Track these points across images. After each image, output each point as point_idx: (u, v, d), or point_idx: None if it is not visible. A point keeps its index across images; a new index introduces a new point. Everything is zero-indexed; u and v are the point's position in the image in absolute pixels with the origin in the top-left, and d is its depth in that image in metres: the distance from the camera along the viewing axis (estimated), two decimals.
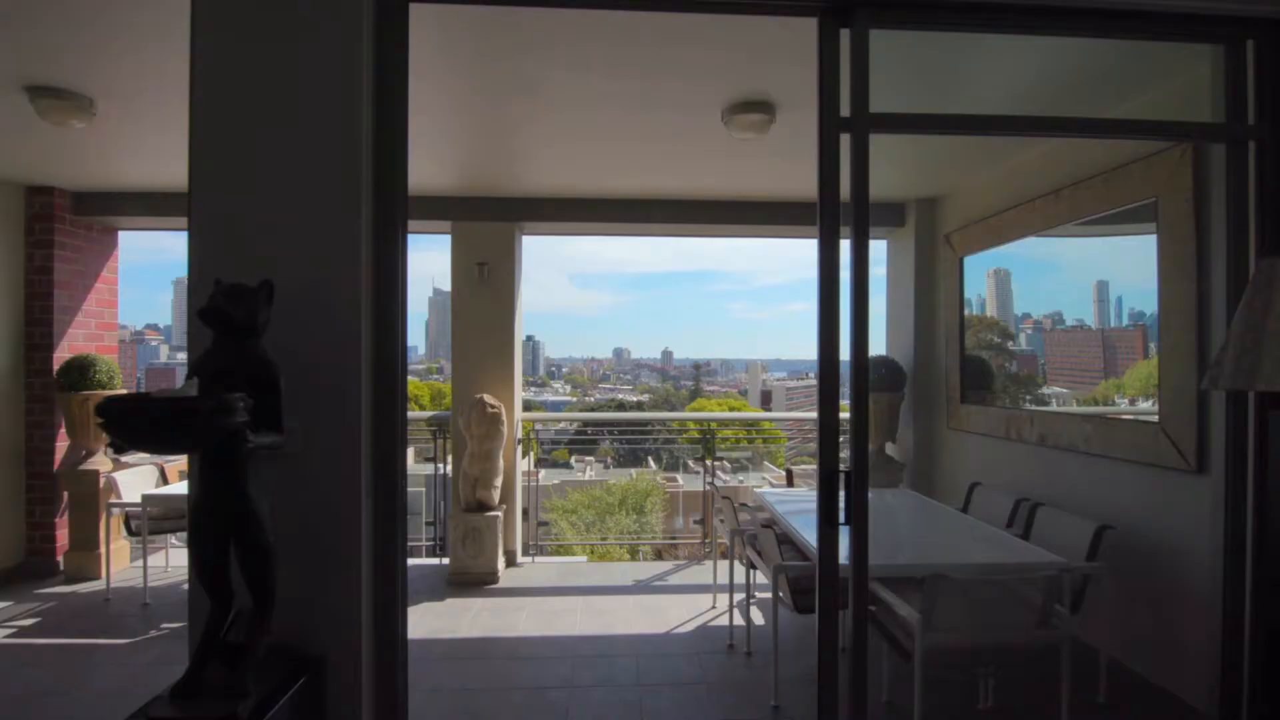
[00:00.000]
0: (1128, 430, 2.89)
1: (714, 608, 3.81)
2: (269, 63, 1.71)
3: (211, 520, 1.45)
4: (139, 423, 1.22)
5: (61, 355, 4.41)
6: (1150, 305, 3.02)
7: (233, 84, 1.71)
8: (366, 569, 1.74)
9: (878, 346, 5.01)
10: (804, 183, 4.17)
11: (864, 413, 1.87)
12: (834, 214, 1.91)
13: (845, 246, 1.95)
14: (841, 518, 1.87)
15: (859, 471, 1.86)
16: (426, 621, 3.62)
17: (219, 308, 1.44)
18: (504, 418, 4.30)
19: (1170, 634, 2.68)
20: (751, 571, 3.34)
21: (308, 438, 1.68)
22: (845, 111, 1.90)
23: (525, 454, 4.91)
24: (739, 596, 3.56)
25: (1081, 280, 3.51)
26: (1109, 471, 2.99)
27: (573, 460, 26.00)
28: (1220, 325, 2.31)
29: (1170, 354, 2.64)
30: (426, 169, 4.00)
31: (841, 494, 1.86)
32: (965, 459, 4.21)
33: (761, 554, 3.02)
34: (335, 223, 1.71)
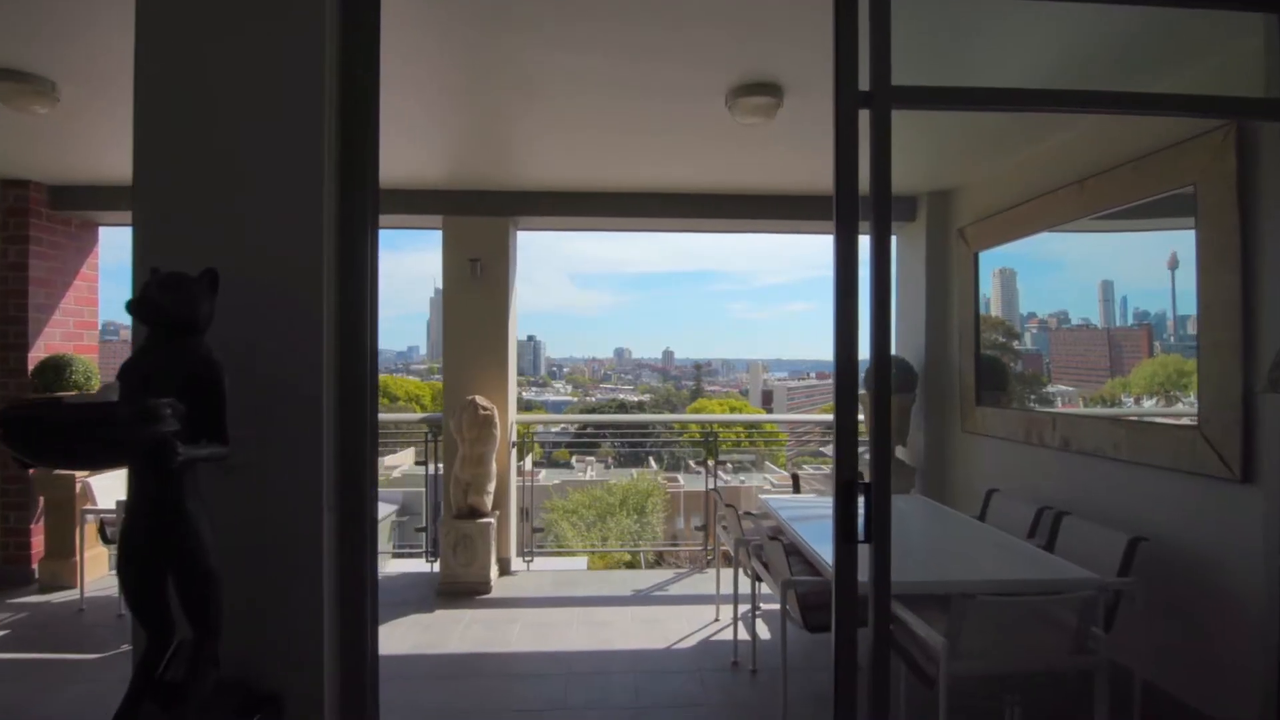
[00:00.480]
0: (1162, 435, 2.69)
1: (717, 620, 3.62)
2: (219, 39, 1.52)
3: (142, 543, 1.26)
4: (41, 434, 1.04)
5: (37, 355, 4.23)
6: (1155, 304, 2.95)
7: (179, 61, 1.53)
8: (330, 592, 1.56)
9: None
10: (811, 174, 3.98)
11: (886, 418, 1.68)
12: (852, 198, 1.71)
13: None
14: (860, 534, 1.68)
15: (880, 483, 1.67)
16: (414, 635, 3.44)
17: (151, 299, 1.26)
18: (497, 420, 4.11)
19: (1210, 654, 2.49)
20: (757, 583, 3.15)
21: (263, 446, 1.50)
22: (864, 85, 1.70)
23: (521, 457, 4.73)
24: (743, 608, 3.37)
25: (1086, 279, 3.44)
26: (1140, 479, 2.80)
27: (573, 460, 25.88)
28: (1271, 322, 2.12)
29: (1210, 353, 2.44)
30: (416, 161, 3.82)
31: (860, 506, 1.68)
32: (981, 464, 4.02)
33: (768, 566, 2.84)
34: (295, 211, 1.52)
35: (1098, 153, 3.04)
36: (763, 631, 3.41)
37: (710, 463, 4.99)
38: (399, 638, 3.40)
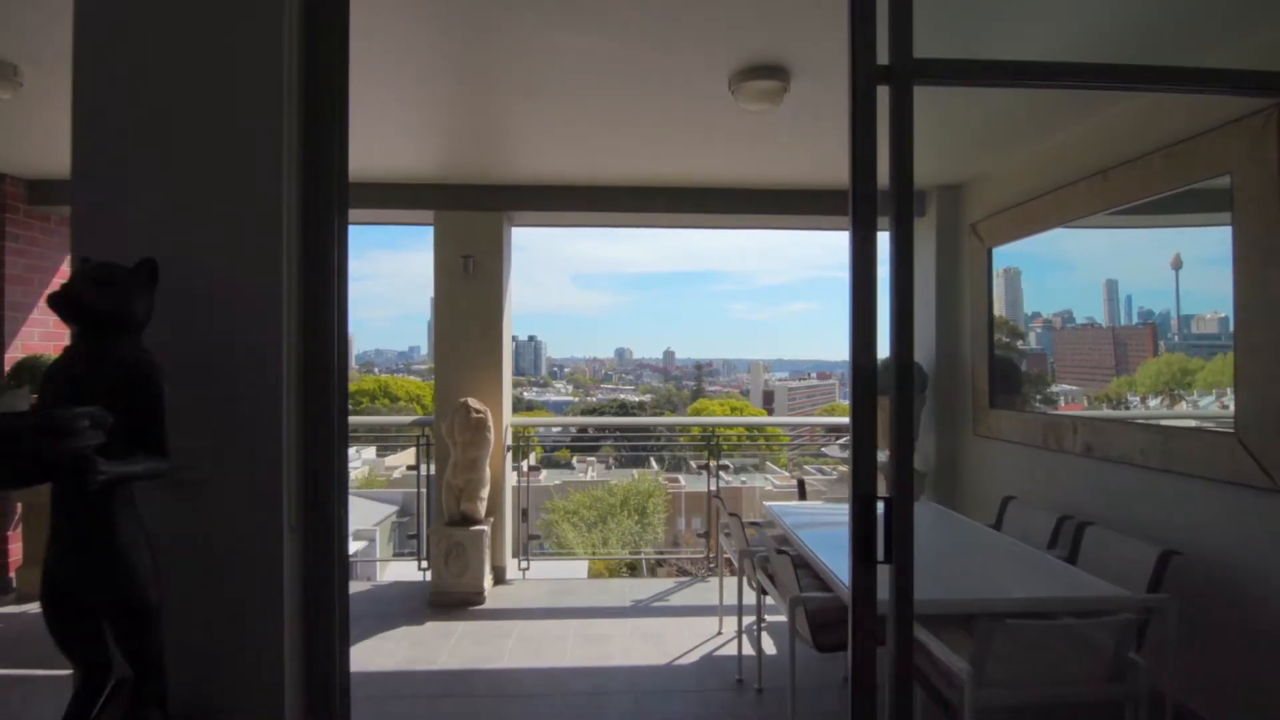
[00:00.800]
0: (1194, 441, 2.53)
1: (720, 633, 3.46)
2: (161, 16, 1.37)
3: (67, 576, 1.11)
4: None
5: (14, 355, 4.08)
6: (1159, 303, 2.89)
7: (118, 38, 1.38)
8: (292, 621, 1.40)
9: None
10: (818, 167, 3.82)
11: (908, 429, 1.53)
12: (870, 184, 1.55)
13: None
14: (880, 554, 1.52)
15: (901, 498, 1.51)
16: (402, 650, 3.28)
17: (75, 294, 1.10)
18: (490, 423, 3.95)
19: (1247, 675, 2.33)
20: (762, 595, 2.99)
21: (218, 460, 1.34)
22: (883, 59, 1.54)
23: (517, 461, 4.57)
24: (748, 620, 3.21)
25: (1091, 279, 3.40)
26: (1169, 487, 2.63)
27: (574, 460, 25.76)
28: None
29: (1249, 354, 2.28)
30: (404, 152, 3.66)
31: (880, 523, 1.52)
32: (994, 469, 3.86)
33: (775, 580, 2.68)
34: (249, 203, 1.37)
35: (1122, 142, 2.88)
36: (768, 646, 3.25)
37: (712, 464, 4.83)
38: (387, 652, 3.25)
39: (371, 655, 3.19)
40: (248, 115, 1.38)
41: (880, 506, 1.51)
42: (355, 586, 4.23)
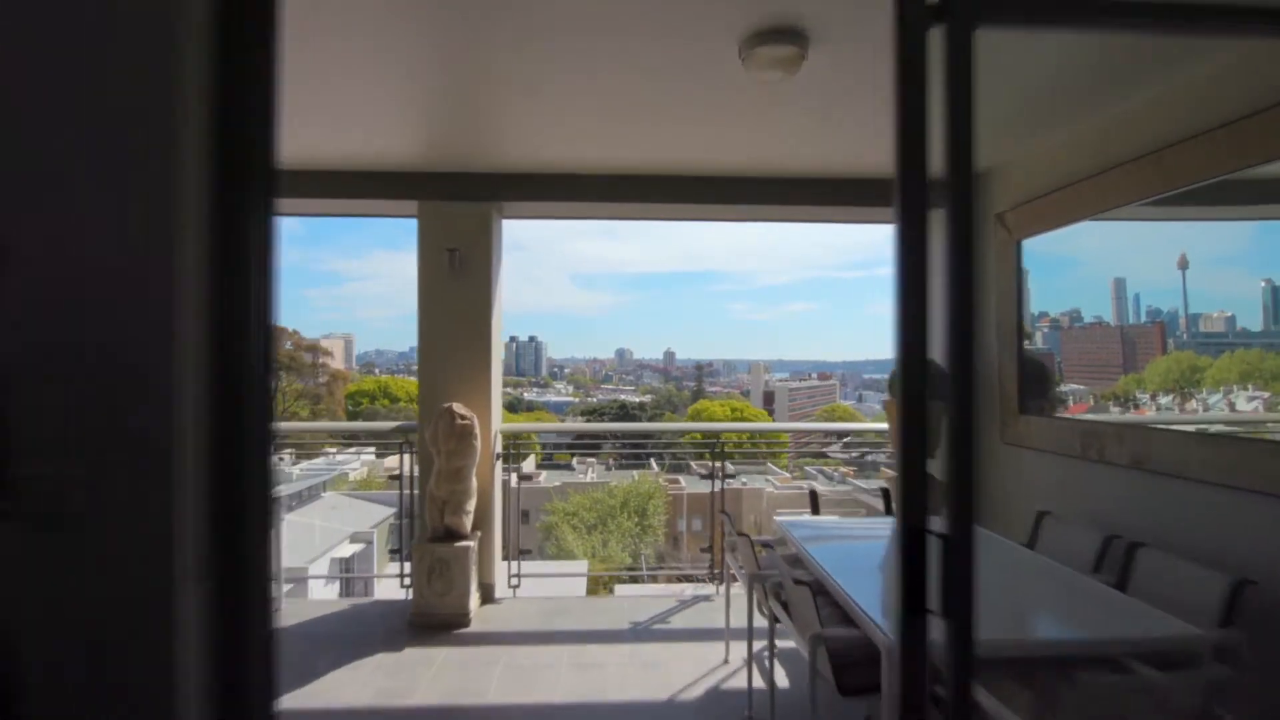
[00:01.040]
0: (1264, 454, 2.23)
1: (726, 662, 3.16)
2: None
3: None
4: None
5: None
6: (1167, 302, 2.79)
7: None
8: (193, 697, 1.11)
9: None
10: (837, 153, 3.52)
11: (968, 449, 1.25)
12: (918, 149, 1.28)
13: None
14: (933, 603, 1.24)
15: (961, 536, 1.23)
16: (376, 681, 2.98)
17: None
18: (477, 430, 3.66)
19: None
20: (774, 623, 2.69)
21: (96, 491, 1.05)
22: None
23: (509, 467, 4.28)
24: (758, 644, 2.91)
25: (1096, 276, 3.29)
26: (1234, 506, 2.34)
27: (574, 462, 25.50)
28: None
29: None
30: (383, 136, 3.37)
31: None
32: (1025, 480, 3.56)
33: (790, 610, 2.39)
34: (131, 182, 1.08)
35: (1174, 122, 2.58)
36: (780, 678, 2.95)
37: (715, 467, 4.52)
38: (361, 683, 2.95)
39: (339, 688, 2.90)
40: (130, 77, 1.08)
41: (936, 544, 1.24)
42: (332, 606, 3.94)
